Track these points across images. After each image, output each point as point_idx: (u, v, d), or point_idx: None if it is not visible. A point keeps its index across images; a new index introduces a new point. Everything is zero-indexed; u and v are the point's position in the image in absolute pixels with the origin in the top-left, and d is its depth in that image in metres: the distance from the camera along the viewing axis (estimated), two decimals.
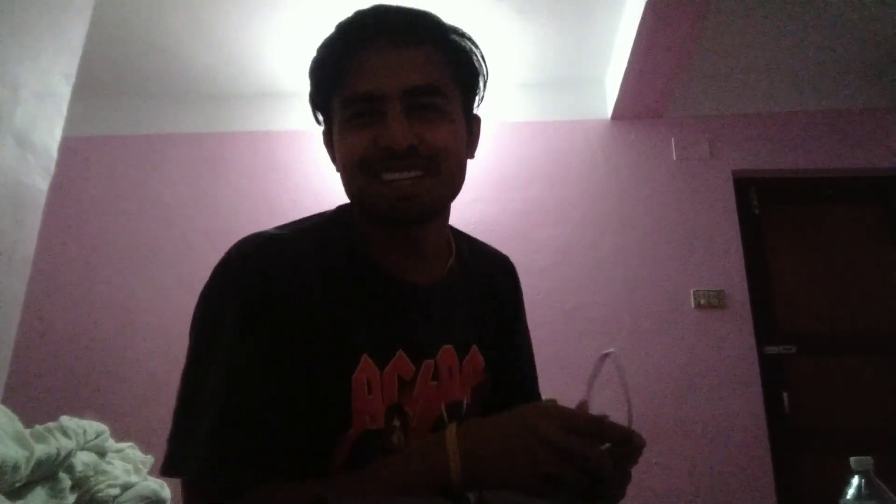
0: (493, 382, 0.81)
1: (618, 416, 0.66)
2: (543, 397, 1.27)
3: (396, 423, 0.68)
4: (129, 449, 1.56)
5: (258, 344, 0.61)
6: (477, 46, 0.75)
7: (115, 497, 1.37)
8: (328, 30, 0.73)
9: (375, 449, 0.66)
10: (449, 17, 0.79)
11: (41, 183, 1.70)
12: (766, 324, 2.91)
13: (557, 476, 0.54)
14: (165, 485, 1.53)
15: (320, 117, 0.76)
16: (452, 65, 0.71)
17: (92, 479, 1.36)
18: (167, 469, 0.59)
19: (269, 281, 0.62)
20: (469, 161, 0.74)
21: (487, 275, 0.84)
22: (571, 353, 2.82)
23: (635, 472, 0.71)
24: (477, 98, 0.77)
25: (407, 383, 0.69)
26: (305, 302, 0.63)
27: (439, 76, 0.69)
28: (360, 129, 0.66)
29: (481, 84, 0.76)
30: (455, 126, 0.70)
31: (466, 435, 0.59)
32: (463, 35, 0.74)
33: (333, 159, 0.75)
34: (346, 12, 0.71)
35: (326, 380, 0.64)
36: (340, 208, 0.77)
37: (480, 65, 0.75)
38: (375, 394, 0.66)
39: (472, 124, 0.77)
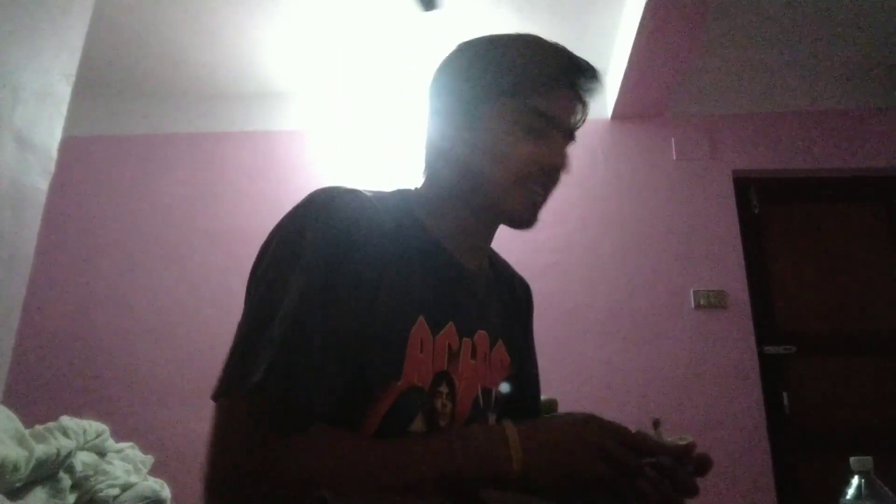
0: (515, 386, 0.85)
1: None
2: (543, 398, 1.27)
3: (444, 389, 0.71)
4: (129, 449, 1.56)
5: (334, 277, 0.63)
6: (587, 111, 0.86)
7: (115, 497, 1.37)
8: (327, 30, 0.73)
9: (418, 407, 0.68)
10: (449, 17, 0.79)
11: (41, 183, 1.70)
12: (766, 324, 2.91)
13: (612, 485, 0.61)
14: (165, 485, 1.53)
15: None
16: (584, 119, 0.84)
17: (92, 479, 1.36)
18: (223, 390, 0.57)
19: (351, 224, 0.65)
20: None
21: (511, 287, 0.91)
22: (571, 353, 2.82)
23: None
24: None
25: (454, 354, 0.73)
26: (378, 254, 0.67)
27: (578, 127, 0.83)
28: (531, 140, 0.75)
29: None
30: None
31: (528, 436, 0.62)
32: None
33: (446, 133, 0.79)
34: (345, 12, 0.72)
35: (387, 329, 0.66)
36: (401, 191, 0.81)
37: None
38: (427, 355, 0.70)
39: None
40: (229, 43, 2.95)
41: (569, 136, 0.79)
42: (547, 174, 0.76)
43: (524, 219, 0.77)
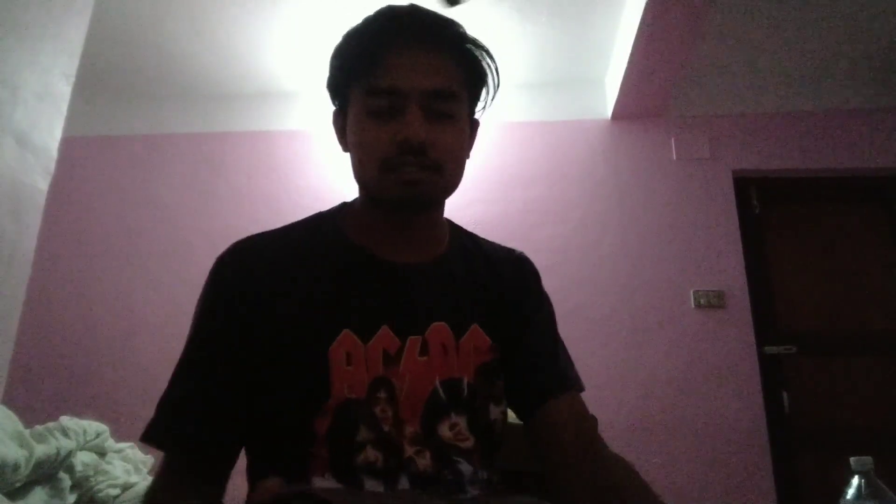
0: (510, 366, 0.80)
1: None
2: None
3: (382, 394, 0.70)
4: (129, 449, 1.56)
5: (213, 328, 0.72)
6: (492, 59, 0.79)
7: (115, 497, 1.37)
8: (328, 30, 0.75)
9: (357, 419, 0.69)
10: (449, 17, 0.79)
11: (41, 183, 1.70)
12: (766, 324, 2.91)
13: None
14: None
15: (335, 102, 0.81)
16: (466, 71, 0.77)
17: (92, 479, 1.36)
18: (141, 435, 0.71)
19: (234, 273, 0.73)
20: (466, 160, 0.80)
21: (492, 267, 0.85)
22: (571, 353, 2.81)
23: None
24: (481, 104, 0.83)
25: (392, 358, 0.72)
26: (277, 286, 0.72)
27: (455, 81, 0.74)
28: (379, 123, 0.72)
29: (489, 93, 0.81)
30: (461, 129, 0.76)
31: None
32: (481, 46, 0.78)
33: (341, 138, 0.81)
34: (344, 12, 0.73)
35: (302, 353, 0.69)
36: (334, 208, 0.84)
37: (493, 77, 0.80)
38: (357, 366, 0.70)
39: (473, 129, 0.83)
40: (230, 43, 2.95)
41: (432, 98, 0.72)
42: (407, 149, 0.70)
43: (408, 201, 0.73)
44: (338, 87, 0.78)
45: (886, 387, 2.80)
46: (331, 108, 0.82)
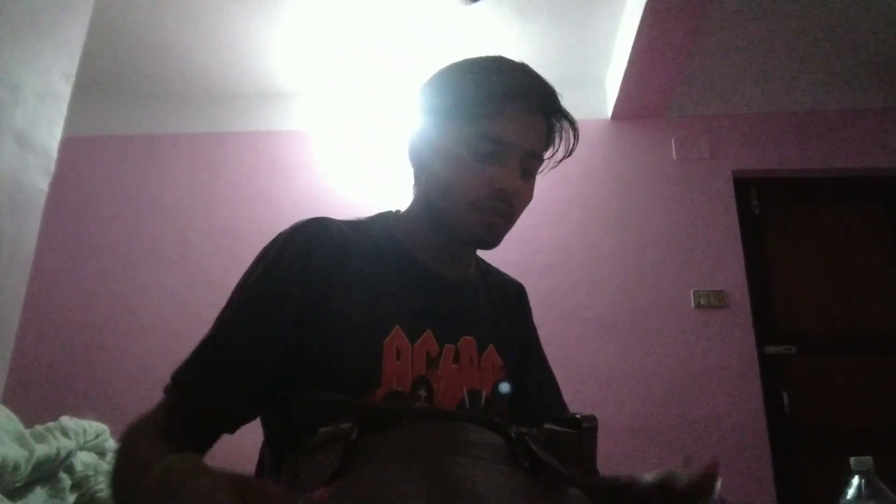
0: (514, 387, 0.86)
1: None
2: None
3: (422, 392, 0.75)
4: None
5: (268, 291, 0.72)
6: (575, 130, 0.87)
7: None
8: (328, 30, 0.74)
9: (403, 408, 0.72)
10: (449, 18, 0.80)
11: (41, 183, 1.70)
12: (766, 324, 2.91)
13: None
14: None
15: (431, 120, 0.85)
16: (551, 138, 0.85)
17: (92, 479, 1.36)
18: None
19: (310, 245, 0.75)
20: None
21: (503, 292, 0.94)
22: (571, 353, 2.82)
23: (636, 470, 0.70)
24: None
25: (433, 360, 0.77)
26: (343, 272, 0.75)
27: (544, 146, 0.83)
28: (480, 166, 0.77)
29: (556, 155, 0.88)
30: (533, 186, 0.84)
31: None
32: (569, 119, 0.86)
33: (417, 160, 0.85)
34: (344, 12, 0.72)
35: (359, 339, 0.73)
36: (381, 214, 0.89)
37: (568, 144, 0.87)
38: (405, 362, 0.74)
39: None
40: (230, 43, 2.95)
41: (528, 157, 0.79)
42: (498, 198, 0.76)
43: (483, 242, 0.80)
44: (436, 114, 0.82)
45: (886, 387, 2.80)
46: (331, 110, 0.85)
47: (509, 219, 0.80)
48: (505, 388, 0.84)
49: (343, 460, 0.56)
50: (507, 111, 0.77)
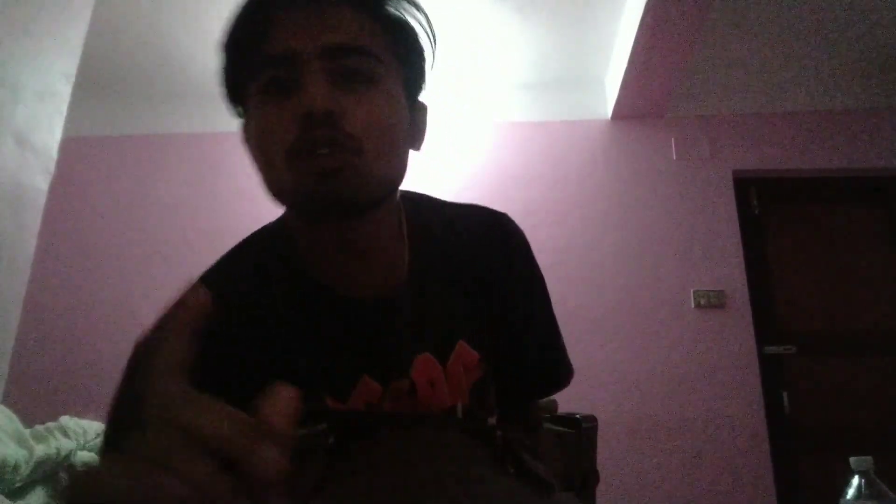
0: (499, 372, 0.70)
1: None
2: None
3: None
4: None
5: None
6: (427, 20, 0.62)
7: None
8: None
9: (383, 415, 0.62)
10: (449, 17, 0.78)
11: (41, 183, 1.70)
12: (766, 324, 2.91)
13: None
14: None
15: (239, 109, 0.64)
16: (388, 35, 0.60)
17: None
18: None
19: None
20: (459, 163, 0.70)
21: (468, 253, 0.69)
22: (571, 353, 2.81)
23: (636, 470, 0.71)
24: (423, 83, 0.65)
25: (375, 408, 0.61)
26: (227, 341, 0.56)
27: (371, 41, 0.58)
28: (279, 101, 0.55)
29: (426, 65, 0.64)
30: (387, 97, 0.58)
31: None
32: (409, 2, 0.61)
33: (246, 145, 0.64)
34: None
35: None
36: (280, 221, 0.69)
37: (426, 42, 0.63)
38: None
39: (416, 113, 0.65)
40: None
41: (333, 55, 0.56)
42: (312, 124, 0.53)
43: (324, 199, 0.55)
44: (234, 92, 0.62)
45: (886, 387, 2.80)
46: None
47: (354, 150, 0.54)
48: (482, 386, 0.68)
49: (325, 470, 0.50)
50: (278, 17, 0.57)
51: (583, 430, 0.75)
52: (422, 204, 0.72)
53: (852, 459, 0.83)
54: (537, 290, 0.75)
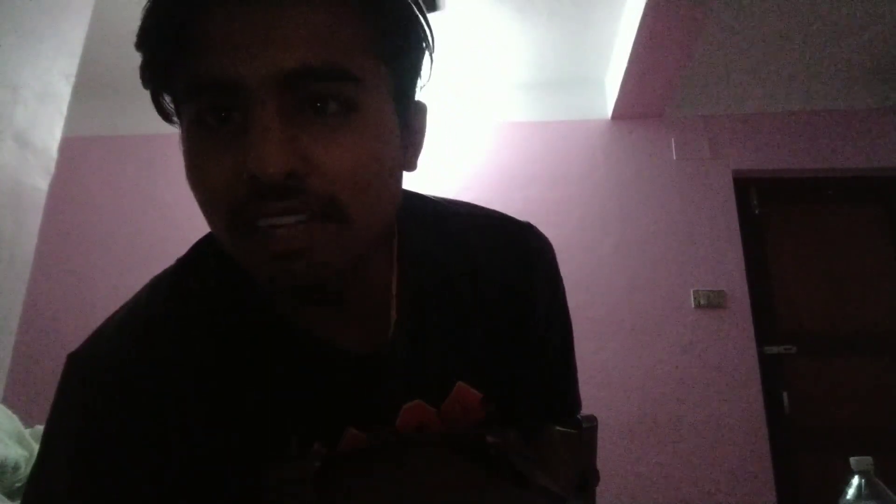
0: (513, 407, 0.60)
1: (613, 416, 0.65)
2: None
3: None
4: None
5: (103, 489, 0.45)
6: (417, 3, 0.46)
7: None
8: None
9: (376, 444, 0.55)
10: (449, 18, 0.76)
11: (41, 183, 1.70)
12: (766, 324, 2.91)
13: None
14: None
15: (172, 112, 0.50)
16: (370, 27, 0.43)
17: None
18: None
19: (113, 411, 0.46)
20: (459, 163, 0.57)
21: (476, 281, 0.57)
22: None
23: (636, 470, 0.70)
24: (419, 78, 0.49)
25: None
26: (178, 415, 0.47)
27: (348, 48, 0.41)
28: (216, 145, 0.41)
29: (422, 53, 0.48)
30: (377, 128, 0.43)
31: None
32: None
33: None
34: None
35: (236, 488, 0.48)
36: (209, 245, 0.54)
37: (423, 29, 0.46)
38: None
39: (412, 122, 0.50)
40: None
41: (292, 82, 0.39)
42: (261, 191, 0.39)
43: (279, 283, 0.43)
44: (161, 87, 0.48)
45: (886, 387, 2.80)
46: None
47: (318, 216, 0.41)
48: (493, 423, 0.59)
49: (314, 495, 0.45)
50: (202, 27, 0.40)
51: (583, 430, 0.74)
52: (419, 217, 0.57)
53: (852, 459, 0.83)
54: (561, 326, 0.65)
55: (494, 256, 0.57)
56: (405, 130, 0.48)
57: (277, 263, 0.41)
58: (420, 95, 0.51)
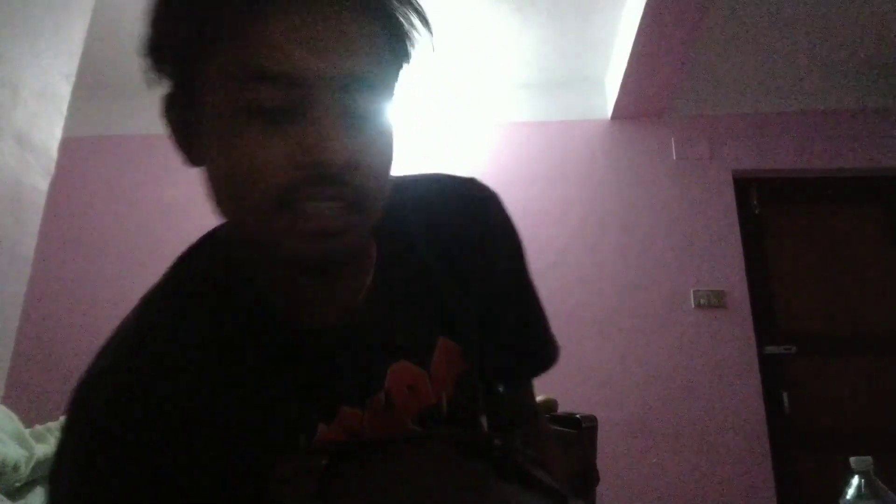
0: (485, 357, 0.64)
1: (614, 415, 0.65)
2: (542, 397, 1.26)
3: None
4: None
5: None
6: (422, 17, 0.50)
7: None
8: None
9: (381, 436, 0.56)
10: (448, 17, 0.77)
11: (41, 183, 1.70)
12: (766, 324, 2.91)
13: None
14: None
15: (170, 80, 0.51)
16: (392, 41, 0.48)
17: None
18: None
19: (115, 432, 0.49)
20: (459, 163, 0.62)
21: (440, 237, 0.61)
22: (572, 353, 2.80)
23: (636, 470, 0.71)
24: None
25: (356, 432, 0.56)
26: (168, 430, 0.49)
27: (384, 60, 0.47)
28: (269, 130, 0.44)
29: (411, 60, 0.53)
30: (392, 136, 0.50)
31: None
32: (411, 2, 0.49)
33: (185, 144, 0.52)
34: None
35: (244, 486, 0.50)
36: (210, 239, 0.61)
37: (424, 31, 0.51)
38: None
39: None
40: None
41: (348, 87, 0.45)
42: (321, 178, 0.44)
43: (310, 261, 0.47)
44: (176, 56, 0.48)
45: (886, 387, 2.80)
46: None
47: (357, 207, 0.46)
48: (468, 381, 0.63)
49: (318, 493, 0.46)
50: (277, 21, 0.43)
51: (583, 430, 0.74)
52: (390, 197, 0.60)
53: (852, 459, 0.83)
54: (518, 266, 0.68)
55: (445, 211, 0.62)
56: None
57: (313, 241, 0.45)
58: (421, 95, 0.56)
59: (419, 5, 0.49)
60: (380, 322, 0.57)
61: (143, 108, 3.42)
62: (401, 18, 0.48)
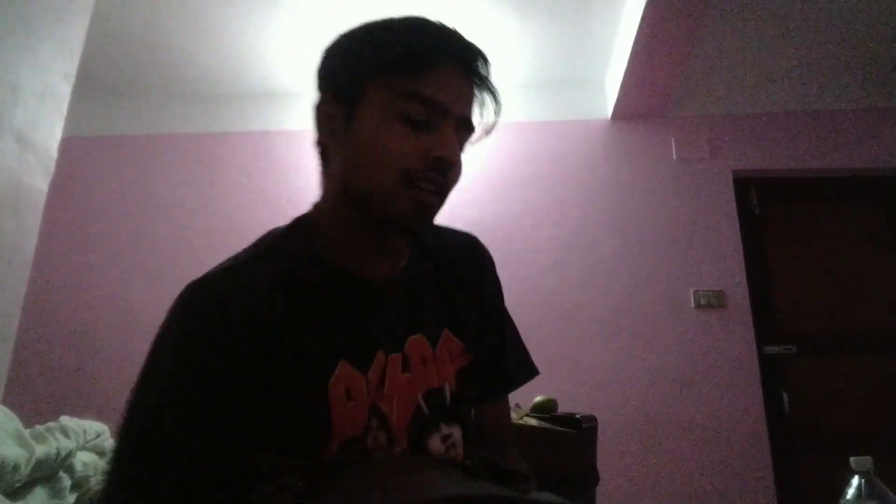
0: (480, 365, 0.80)
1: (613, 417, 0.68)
2: (542, 397, 1.27)
3: (374, 423, 0.67)
4: None
5: (194, 384, 0.61)
6: (498, 103, 0.77)
7: None
8: (328, 30, 0.73)
9: (354, 455, 0.65)
10: (448, 18, 0.79)
11: (41, 183, 1.70)
12: (766, 324, 2.91)
13: None
14: None
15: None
16: (479, 105, 0.76)
17: (92, 478, 1.36)
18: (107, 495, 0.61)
19: (207, 320, 0.63)
20: (467, 160, 0.78)
21: (452, 259, 0.83)
22: (571, 353, 2.82)
23: (636, 470, 0.71)
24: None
25: (379, 382, 0.69)
26: (255, 329, 0.63)
27: (474, 113, 0.74)
28: (412, 132, 0.67)
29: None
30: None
31: None
32: (493, 88, 0.77)
33: (333, 135, 0.71)
34: (346, 13, 0.72)
35: (299, 395, 0.63)
36: (299, 219, 0.76)
37: (495, 113, 0.78)
38: (358, 399, 0.66)
39: None
40: (229, 43, 2.95)
41: (461, 125, 0.70)
42: (435, 169, 0.67)
43: (411, 222, 0.68)
44: (354, 77, 0.69)
45: (886, 387, 2.80)
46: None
47: (442, 196, 0.70)
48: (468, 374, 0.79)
49: None
50: (442, 70, 0.68)
51: (583, 430, 0.76)
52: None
53: (852, 459, 0.83)
54: (501, 296, 0.89)
55: (461, 251, 0.85)
56: None
57: (418, 209, 0.67)
58: None
59: (497, 92, 0.76)
60: (410, 293, 0.75)
61: (143, 108, 3.44)
62: (487, 96, 0.75)
